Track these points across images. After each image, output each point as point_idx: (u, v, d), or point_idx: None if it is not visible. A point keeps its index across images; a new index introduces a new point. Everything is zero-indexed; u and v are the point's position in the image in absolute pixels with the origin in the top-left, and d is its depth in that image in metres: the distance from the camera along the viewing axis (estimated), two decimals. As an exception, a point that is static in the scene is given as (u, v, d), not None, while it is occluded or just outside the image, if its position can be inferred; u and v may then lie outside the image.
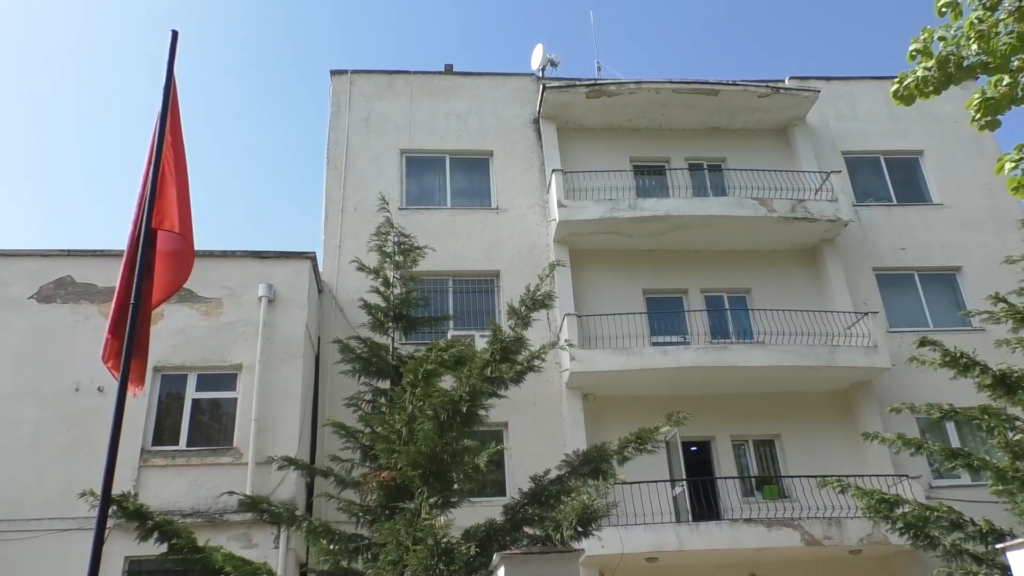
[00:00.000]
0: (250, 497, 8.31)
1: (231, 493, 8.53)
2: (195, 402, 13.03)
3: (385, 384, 8.89)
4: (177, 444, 12.58)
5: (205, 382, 13.13)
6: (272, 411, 12.77)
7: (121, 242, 6.42)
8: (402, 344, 10.16)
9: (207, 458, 12.44)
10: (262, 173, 52.70)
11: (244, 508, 8.12)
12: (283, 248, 16.36)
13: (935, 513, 8.43)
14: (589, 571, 12.80)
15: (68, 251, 13.75)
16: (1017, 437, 8.17)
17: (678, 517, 13.84)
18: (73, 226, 50.73)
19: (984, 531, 8.22)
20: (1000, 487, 8.37)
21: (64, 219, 50.40)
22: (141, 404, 12.30)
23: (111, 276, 13.27)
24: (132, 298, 6.21)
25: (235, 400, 12.98)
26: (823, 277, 16.75)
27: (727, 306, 16.75)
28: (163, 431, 12.74)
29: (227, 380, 13.17)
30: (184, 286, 13.00)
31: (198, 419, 13.02)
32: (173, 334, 13.09)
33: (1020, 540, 5.23)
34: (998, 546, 5.87)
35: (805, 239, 16.85)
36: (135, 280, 6.22)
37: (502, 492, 13.46)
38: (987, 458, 8.63)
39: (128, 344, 6.10)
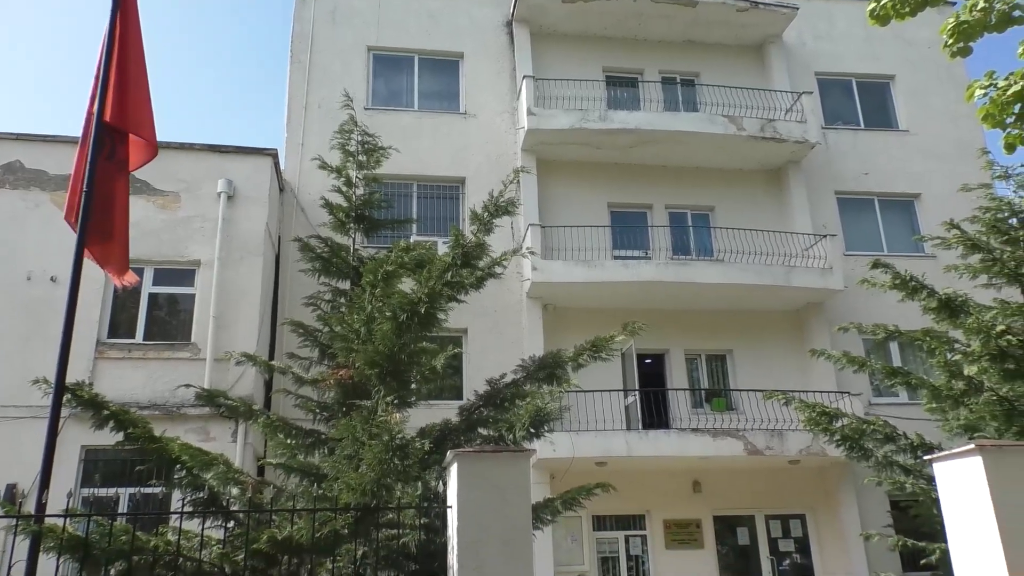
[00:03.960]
0: (207, 390, 8.33)
1: (188, 386, 8.54)
2: (152, 296, 12.91)
3: (345, 285, 8.86)
4: (133, 337, 12.53)
5: (162, 277, 12.98)
6: (231, 308, 12.73)
7: (73, 130, 6.24)
8: (364, 247, 10.09)
9: (164, 352, 12.43)
10: (223, 65, 50.71)
11: (201, 401, 8.16)
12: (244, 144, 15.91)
13: (871, 426, 8.84)
14: (541, 473, 13.27)
15: (17, 135, 13.23)
16: (955, 358, 8.52)
17: (629, 425, 14.33)
18: (25, 114, 48.59)
19: (915, 444, 8.67)
20: (934, 405, 8.78)
21: (15, 107, 48.18)
22: (95, 296, 12.14)
23: (63, 163, 12.91)
24: (84, 186, 6.12)
25: (193, 296, 12.90)
26: (786, 198, 16.91)
27: (690, 223, 16.90)
28: (119, 324, 12.65)
29: (185, 276, 13.04)
30: (140, 177, 12.64)
31: (155, 314, 12.93)
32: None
33: (946, 453, 5.51)
34: (925, 458, 6.20)
35: (772, 159, 16.91)
36: (86, 169, 6.13)
37: (460, 397, 13.72)
38: (925, 378, 9.01)
39: (81, 232, 6.05)
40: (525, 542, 4.80)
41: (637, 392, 14.60)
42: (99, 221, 6.18)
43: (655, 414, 14.70)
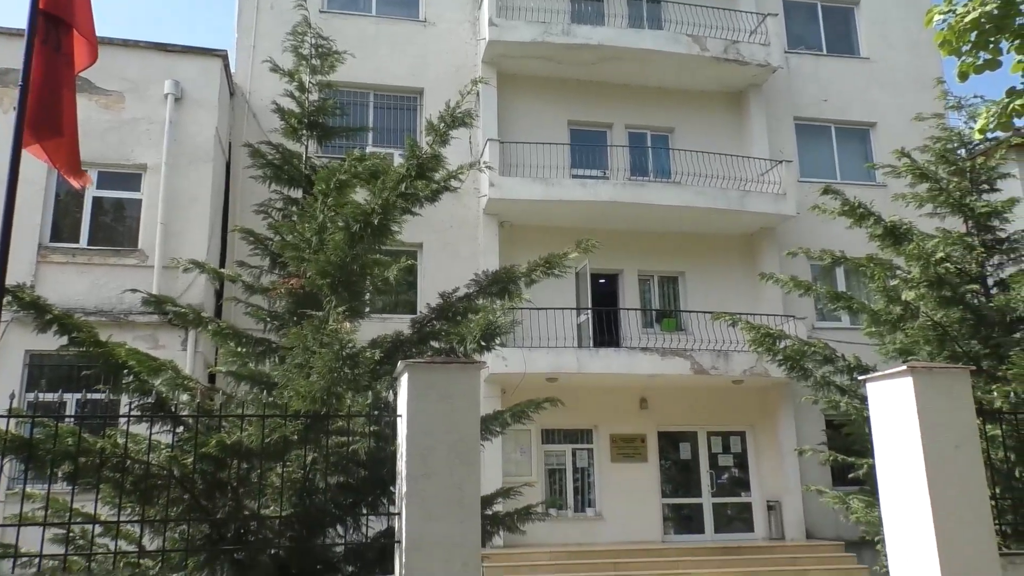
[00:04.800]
0: (154, 296, 8.14)
1: (134, 290, 8.36)
2: (96, 200, 12.53)
3: (297, 193, 8.64)
4: (77, 242, 12.21)
5: (106, 180, 12.57)
6: (179, 215, 12.43)
7: (7, 21, 5.85)
8: (317, 156, 9.84)
9: (110, 258, 12.15)
10: (170, -41, 47.82)
11: (149, 307, 7.98)
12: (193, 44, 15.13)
13: (811, 348, 9.14)
14: (493, 388, 13.52)
15: (-55, 24, 12.43)
16: (895, 283, 8.78)
17: (580, 343, 14.59)
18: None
19: (852, 366, 8.99)
20: (873, 329, 9.08)
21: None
22: (36, 198, 11.74)
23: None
24: (20, 80, 5.82)
25: (140, 202, 12.55)
26: (745, 122, 16.91)
27: (649, 144, 16.84)
28: (62, 229, 12.29)
29: (131, 180, 12.65)
30: (81, 75, 12.12)
31: (100, 219, 12.58)
32: (69, 126, 12.28)
33: (879, 373, 5.74)
34: (860, 378, 6.44)
35: (733, 82, 16.81)
36: (23, 62, 5.81)
37: (414, 312, 13.73)
38: (866, 302, 9.29)
39: (18, 126, 5.77)
40: (473, 451, 4.90)
41: (589, 311, 14.82)
42: (47, 116, 5.87)
43: (606, 332, 14.98)
